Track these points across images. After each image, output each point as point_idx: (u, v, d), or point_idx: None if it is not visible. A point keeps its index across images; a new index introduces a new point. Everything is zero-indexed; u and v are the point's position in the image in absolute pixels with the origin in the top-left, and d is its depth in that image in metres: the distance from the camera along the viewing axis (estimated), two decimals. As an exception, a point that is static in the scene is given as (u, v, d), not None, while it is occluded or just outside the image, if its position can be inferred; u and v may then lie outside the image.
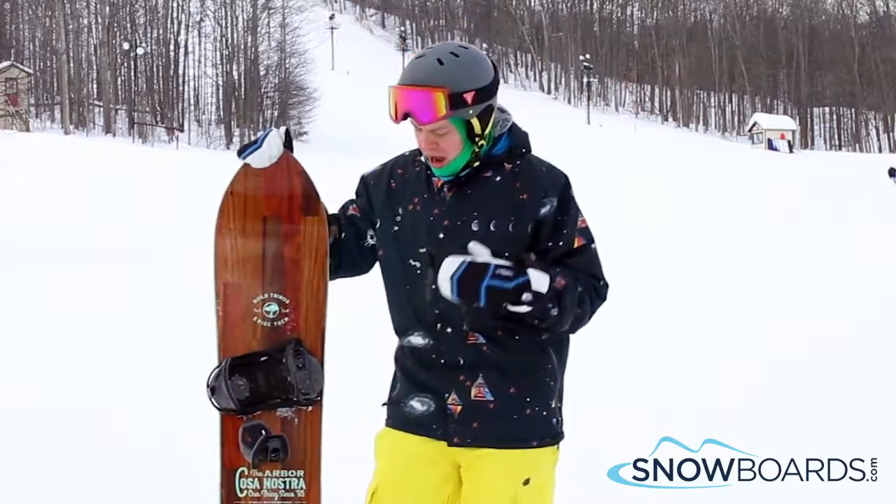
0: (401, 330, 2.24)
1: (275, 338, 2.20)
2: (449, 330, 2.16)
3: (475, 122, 2.14)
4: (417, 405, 2.21)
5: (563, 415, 2.28)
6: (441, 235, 2.16)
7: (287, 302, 2.21)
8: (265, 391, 2.15)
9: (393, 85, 2.15)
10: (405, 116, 2.12)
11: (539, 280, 2.04)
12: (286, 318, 2.21)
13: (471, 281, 2.02)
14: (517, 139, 2.23)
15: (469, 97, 2.11)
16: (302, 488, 2.19)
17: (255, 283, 2.22)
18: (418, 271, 2.17)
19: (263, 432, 2.12)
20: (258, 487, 2.19)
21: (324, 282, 2.21)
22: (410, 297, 2.19)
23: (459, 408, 2.16)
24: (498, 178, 2.18)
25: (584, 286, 2.13)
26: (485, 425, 2.15)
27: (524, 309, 2.05)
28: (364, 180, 2.32)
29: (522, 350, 2.17)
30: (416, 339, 2.20)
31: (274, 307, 2.21)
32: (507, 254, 2.10)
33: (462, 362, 2.16)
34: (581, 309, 2.13)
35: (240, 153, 2.21)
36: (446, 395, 2.17)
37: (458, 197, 2.18)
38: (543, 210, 2.15)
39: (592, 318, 2.19)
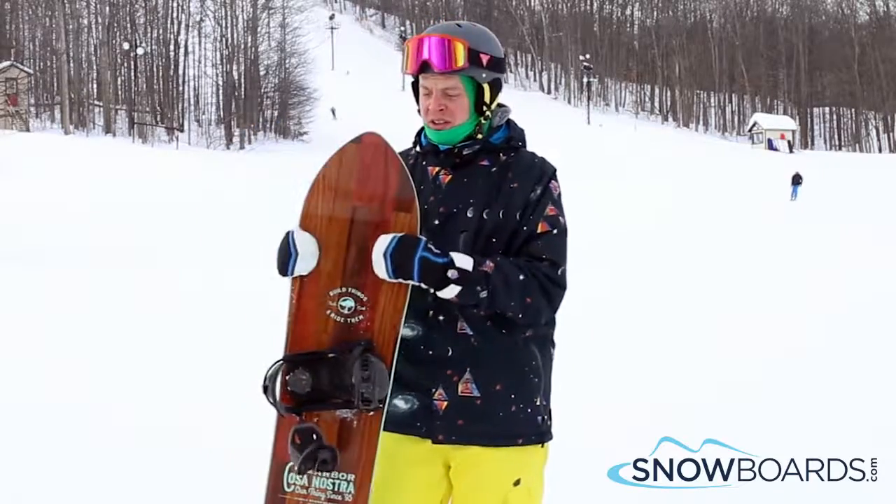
0: None
1: (346, 335, 2.11)
2: (441, 318, 2.15)
3: (486, 90, 2.19)
4: (401, 403, 2.18)
5: (550, 414, 2.27)
6: (437, 222, 2.16)
7: (364, 299, 2.11)
8: (327, 390, 2.08)
9: (413, 38, 2.18)
10: (422, 66, 2.14)
11: (461, 259, 2.05)
12: (361, 316, 2.11)
13: (404, 254, 2.03)
14: (514, 132, 2.28)
15: (485, 59, 2.17)
16: (351, 493, 2.10)
17: (334, 275, 2.12)
18: None
19: (315, 436, 2.04)
20: (306, 485, 2.12)
21: (406, 285, 2.10)
22: None
23: (445, 403, 2.15)
24: (493, 168, 2.21)
25: (528, 273, 2.11)
26: (470, 422, 2.15)
27: (453, 290, 2.04)
28: None
29: (508, 345, 2.17)
30: (406, 331, 2.16)
31: (350, 302, 2.12)
32: (494, 240, 2.14)
33: (450, 354, 2.14)
34: (531, 297, 2.10)
35: (283, 272, 2.14)
36: (433, 390, 2.15)
37: (454, 184, 2.19)
38: (532, 196, 2.18)
39: (553, 306, 2.16)
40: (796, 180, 34.19)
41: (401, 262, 2.03)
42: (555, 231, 2.17)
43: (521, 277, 2.09)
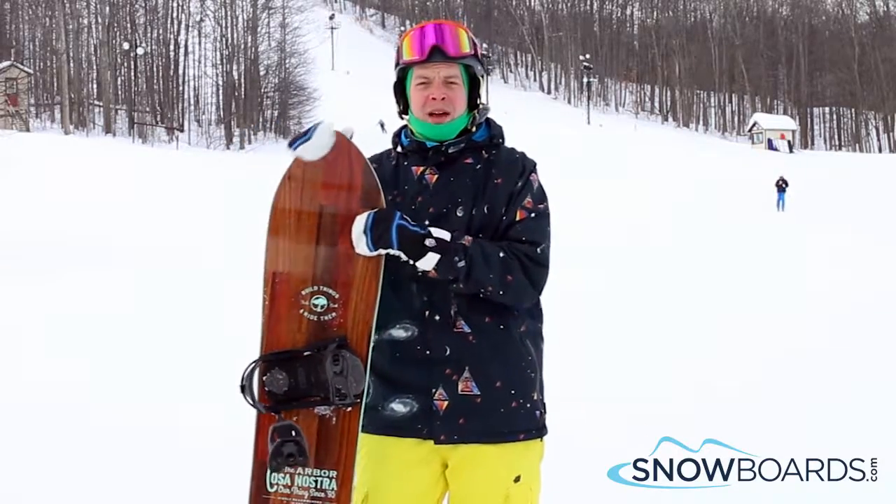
0: (380, 325, 2.19)
1: (321, 332, 2.13)
2: (437, 318, 2.15)
3: (481, 82, 2.24)
4: (399, 407, 2.18)
5: (545, 408, 2.28)
6: (426, 222, 2.16)
7: (336, 297, 2.14)
8: (305, 388, 2.11)
9: (411, 29, 2.22)
10: (432, 51, 2.16)
11: (438, 231, 2.09)
12: (334, 314, 2.14)
13: (381, 226, 2.06)
14: (495, 130, 2.30)
15: (478, 51, 2.23)
16: (333, 489, 2.13)
17: (305, 275, 2.15)
18: (401, 259, 2.14)
19: (294, 433, 2.08)
20: (289, 484, 2.14)
21: (376, 279, 2.14)
22: (395, 287, 2.17)
23: (446, 403, 2.15)
24: (478, 166, 2.22)
25: (508, 251, 2.14)
26: (471, 421, 2.15)
27: (432, 258, 2.06)
28: None
29: (506, 341, 2.18)
30: (399, 332, 2.17)
31: (322, 301, 2.14)
32: (481, 236, 2.16)
33: (448, 353, 2.15)
34: (511, 275, 2.12)
35: (290, 144, 2.16)
36: (433, 390, 2.15)
37: (441, 184, 2.20)
38: (514, 191, 2.20)
39: (536, 285, 2.18)
40: (781, 186, 30.05)
41: (380, 234, 2.06)
42: (533, 215, 2.20)
43: (501, 255, 2.12)
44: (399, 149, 2.28)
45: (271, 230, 2.17)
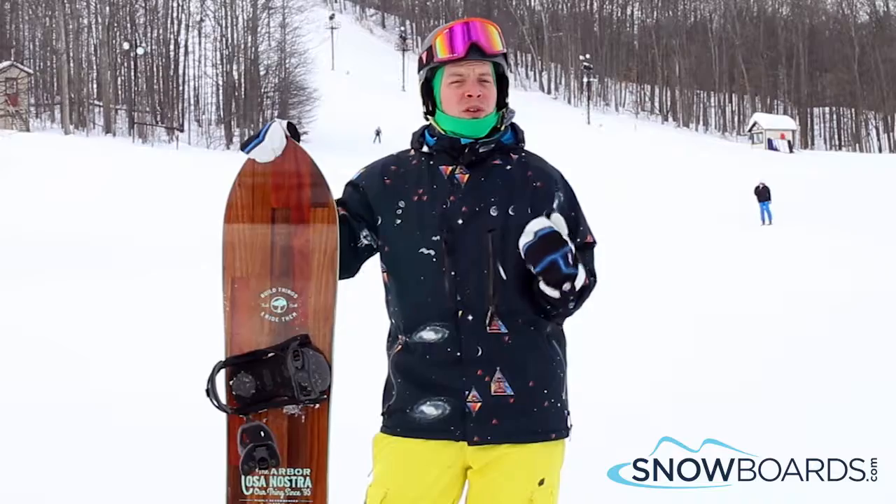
0: (410, 327, 2.18)
1: (283, 333, 2.15)
2: (470, 318, 2.13)
3: (510, 80, 2.26)
4: (430, 410, 2.16)
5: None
6: (460, 221, 2.16)
7: (295, 297, 2.16)
8: (271, 389, 2.12)
9: (442, 27, 2.22)
10: (470, 48, 2.17)
11: (580, 278, 2.09)
12: (294, 314, 2.16)
13: (545, 246, 2.05)
14: (520, 133, 2.31)
15: (505, 51, 2.25)
16: (308, 487, 2.16)
17: (263, 278, 2.17)
18: (433, 259, 2.15)
19: (262, 434, 2.08)
20: (264, 485, 2.16)
21: (333, 275, 2.16)
22: (426, 287, 2.15)
23: (479, 405, 2.14)
24: (508, 167, 2.23)
25: (591, 287, 2.20)
26: (505, 421, 2.14)
27: (555, 294, 2.07)
28: (352, 183, 2.30)
29: (538, 342, 2.19)
30: (429, 335, 2.15)
31: (282, 302, 2.16)
32: (513, 234, 2.16)
33: (480, 353, 2.13)
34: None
35: (243, 147, 2.19)
36: (465, 392, 2.14)
37: (473, 183, 2.19)
38: (556, 203, 2.21)
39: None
40: (762, 195, 24.51)
41: (536, 251, 2.05)
42: (595, 243, 2.28)
43: (590, 291, 2.19)
44: (425, 149, 2.26)
45: (227, 237, 2.19)
